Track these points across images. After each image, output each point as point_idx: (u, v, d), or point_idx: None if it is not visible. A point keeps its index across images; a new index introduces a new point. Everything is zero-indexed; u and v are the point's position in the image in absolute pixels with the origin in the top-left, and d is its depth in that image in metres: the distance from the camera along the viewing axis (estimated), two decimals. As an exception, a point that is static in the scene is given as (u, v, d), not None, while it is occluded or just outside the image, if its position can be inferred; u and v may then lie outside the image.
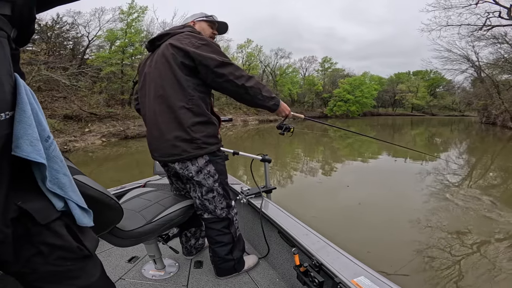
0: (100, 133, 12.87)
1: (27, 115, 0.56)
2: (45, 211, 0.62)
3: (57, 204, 0.63)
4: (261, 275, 1.62)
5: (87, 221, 0.70)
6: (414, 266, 2.57)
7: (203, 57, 1.27)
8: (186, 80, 1.32)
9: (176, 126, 1.34)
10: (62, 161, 0.65)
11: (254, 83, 1.34)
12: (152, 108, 1.40)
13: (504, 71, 19.82)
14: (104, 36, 16.95)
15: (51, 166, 0.62)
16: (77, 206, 0.67)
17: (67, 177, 0.65)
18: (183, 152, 1.35)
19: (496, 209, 3.97)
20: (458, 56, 22.14)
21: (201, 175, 1.42)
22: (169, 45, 1.33)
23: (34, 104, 0.60)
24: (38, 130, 0.59)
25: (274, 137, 14.49)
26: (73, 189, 0.66)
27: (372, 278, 1.01)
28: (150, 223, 1.30)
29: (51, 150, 0.62)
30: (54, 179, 0.62)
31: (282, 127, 1.62)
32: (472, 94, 26.96)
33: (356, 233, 3.24)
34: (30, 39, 0.65)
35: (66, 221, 0.66)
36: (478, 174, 6.52)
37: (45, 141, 0.60)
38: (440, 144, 12.84)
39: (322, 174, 6.70)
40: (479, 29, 17.84)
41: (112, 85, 15.98)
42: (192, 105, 1.34)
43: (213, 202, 1.48)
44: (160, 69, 1.36)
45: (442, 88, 48.53)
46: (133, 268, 1.71)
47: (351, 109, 34.87)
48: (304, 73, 42.27)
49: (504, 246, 2.92)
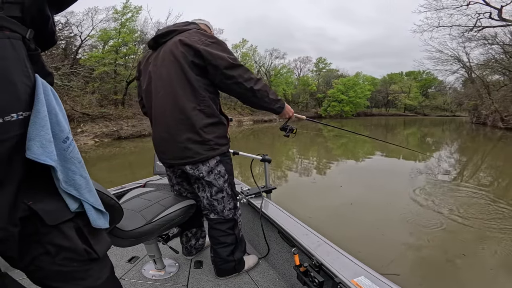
0: (93, 133, 12.75)
1: (41, 116, 0.56)
2: (56, 213, 0.62)
3: (71, 205, 0.64)
4: (261, 275, 1.62)
5: (102, 223, 0.70)
6: (405, 265, 2.59)
7: (214, 56, 1.23)
8: (197, 80, 1.29)
9: (187, 128, 1.31)
10: (81, 162, 0.65)
11: (262, 86, 1.32)
12: (160, 109, 1.36)
13: (495, 71, 20.20)
14: (97, 36, 16.77)
15: (68, 167, 0.62)
16: (92, 208, 0.67)
17: (83, 179, 0.65)
18: (196, 155, 1.33)
19: (487, 207, 4.06)
20: (449, 57, 22.51)
21: (212, 176, 1.40)
22: (178, 42, 1.28)
23: (53, 105, 0.60)
24: (56, 131, 0.60)
25: (269, 137, 14.52)
26: (90, 190, 0.67)
27: (372, 278, 1.01)
28: (150, 223, 1.29)
29: (69, 152, 0.63)
30: (70, 180, 0.63)
31: (286, 129, 1.63)
32: (463, 94, 27.44)
33: (348, 232, 3.26)
34: (55, 40, 0.66)
35: (78, 222, 0.67)
36: (469, 173, 6.64)
37: (63, 142, 0.61)
38: (432, 143, 13.03)
39: (316, 173, 6.74)
40: (469, 30, 18.11)
41: (105, 85, 15.84)
42: (204, 106, 1.32)
43: (222, 202, 1.47)
44: (168, 68, 1.30)
45: (434, 88, 49.29)
46: (133, 268, 1.70)
47: (345, 109, 35.19)
48: (298, 73, 42.54)
49: (497, 242, 2.98)
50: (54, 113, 0.60)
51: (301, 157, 9.27)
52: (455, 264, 2.62)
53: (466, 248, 2.90)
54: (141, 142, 12.73)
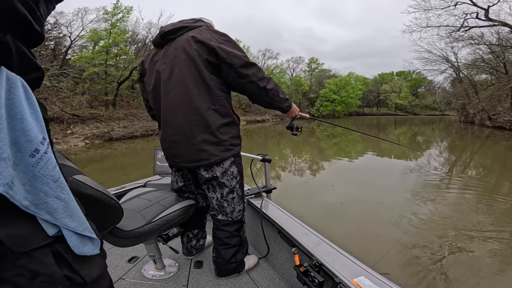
0: (83, 135, 12.54)
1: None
2: (26, 238, 0.51)
3: (48, 229, 0.52)
4: (261, 275, 1.62)
5: (88, 250, 0.59)
6: (394, 264, 2.59)
7: (229, 54, 1.19)
8: (211, 79, 1.25)
9: (203, 129, 1.26)
10: (57, 181, 0.53)
11: (274, 86, 1.31)
12: (171, 109, 1.30)
13: (482, 71, 20.65)
14: (87, 37, 16.51)
15: (38, 187, 0.50)
16: (73, 234, 0.56)
17: (61, 201, 0.53)
18: (211, 156, 1.30)
19: (477, 204, 4.15)
20: (438, 57, 22.89)
21: (225, 177, 1.38)
22: (191, 39, 1.22)
23: (19, 107, 0.47)
24: (21, 141, 0.46)
25: (261, 138, 14.53)
26: (70, 214, 0.55)
27: (372, 278, 1.01)
28: (150, 223, 1.29)
29: (38, 168, 0.49)
30: (41, 203, 0.50)
31: (293, 127, 1.64)
32: (451, 94, 27.95)
33: (339, 231, 3.28)
34: (34, 29, 0.51)
35: (58, 248, 0.55)
36: (458, 170, 6.78)
37: (31, 156, 0.48)
38: (422, 142, 13.26)
39: (309, 173, 6.77)
40: (457, 30, 18.40)
41: (96, 86, 15.61)
42: (219, 106, 1.28)
43: (232, 203, 1.45)
44: (181, 66, 1.25)
45: (423, 88, 50.14)
46: (133, 268, 1.69)
47: (337, 109, 35.55)
48: (291, 73, 42.72)
49: (483, 240, 3.05)
50: (20, 118, 0.46)
51: (294, 157, 9.32)
52: (444, 262, 2.64)
53: (455, 245, 2.94)
54: (132, 144, 12.58)
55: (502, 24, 15.99)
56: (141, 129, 14.66)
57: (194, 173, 1.52)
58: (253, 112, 27.99)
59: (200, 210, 1.69)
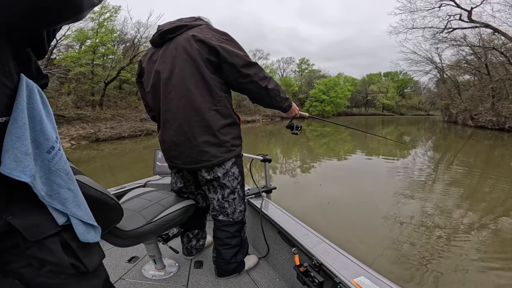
0: (69, 135, 12.21)
1: (18, 125, 0.50)
2: (39, 227, 0.57)
3: (58, 219, 0.59)
4: (261, 275, 1.62)
5: (92, 237, 0.66)
6: (383, 263, 2.60)
7: (230, 54, 1.18)
8: (212, 79, 1.23)
9: (204, 130, 1.25)
10: (68, 174, 0.60)
11: (275, 85, 1.30)
12: (171, 110, 1.27)
13: (465, 72, 21.30)
14: (73, 36, 16.11)
15: (53, 179, 0.57)
16: (80, 222, 0.63)
17: (71, 192, 0.60)
18: (212, 158, 1.28)
19: (462, 201, 4.30)
20: (423, 58, 23.56)
21: (227, 178, 1.37)
22: (191, 38, 1.20)
23: (38, 110, 0.54)
24: (40, 140, 0.54)
25: (251, 138, 14.54)
26: (78, 204, 0.62)
27: (372, 278, 1.01)
28: (150, 223, 1.28)
29: (53, 163, 0.57)
30: (55, 194, 0.57)
31: (293, 127, 1.65)
32: (435, 94, 28.76)
33: (326, 228, 3.31)
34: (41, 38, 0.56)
35: (65, 236, 0.62)
36: (443, 168, 6.98)
37: (47, 152, 0.55)
38: (409, 142, 13.57)
39: (300, 172, 6.81)
40: (441, 32, 18.91)
41: (82, 86, 15.28)
42: (221, 107, 1.26)
43: (233, 204, 1.45)
44: (181, 66, 1.22)
45: (410, 88, 51.41)
46: (133, 268, 1.67)
47: (326, 109, 35.99)
48: (281, 74, 42.92)
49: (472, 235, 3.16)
50: (39, 120, 0.54)
51: (285, 157, 9.37)
52: (433, 260, 2.68)
53: (441, 243, 3.00)
54: (120, 144, 12.34)
55: (484, 26, 16.47)
56: (129, 130, 14.41)
57: (194, 174, 1.51)
58: (243, 112, 27.93)
59: (200, 211, 1.68)
